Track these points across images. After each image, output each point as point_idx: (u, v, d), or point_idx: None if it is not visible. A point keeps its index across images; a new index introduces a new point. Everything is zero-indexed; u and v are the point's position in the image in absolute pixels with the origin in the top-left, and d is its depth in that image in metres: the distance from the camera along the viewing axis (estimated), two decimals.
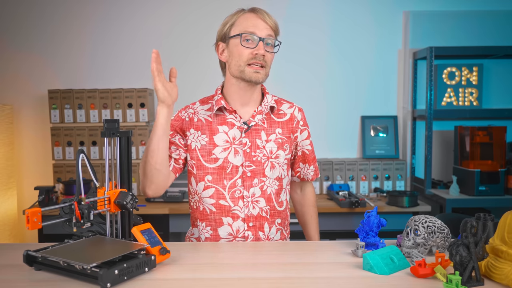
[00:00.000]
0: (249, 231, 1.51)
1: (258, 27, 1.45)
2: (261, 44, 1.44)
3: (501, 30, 3.05)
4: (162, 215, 2.62)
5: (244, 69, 1.45)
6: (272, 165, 1.52)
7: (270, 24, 1.46)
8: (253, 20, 1.46)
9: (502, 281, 1.05)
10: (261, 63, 1.45)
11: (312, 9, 3.09)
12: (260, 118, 1.53)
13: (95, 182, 1.23)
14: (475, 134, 2.71)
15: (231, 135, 1.51)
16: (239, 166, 1.50)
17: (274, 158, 1.52)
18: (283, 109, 1.60)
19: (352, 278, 1.12)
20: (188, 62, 3.10)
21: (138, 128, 2.91)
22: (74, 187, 2.70)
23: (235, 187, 1.50)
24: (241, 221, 1.50)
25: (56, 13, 3.09)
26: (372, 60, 3.13)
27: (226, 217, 1.50)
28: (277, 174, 1.54)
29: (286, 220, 1.62)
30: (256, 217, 1.51)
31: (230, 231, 1.50)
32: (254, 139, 1.51)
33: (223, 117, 1.53)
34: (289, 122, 1.58)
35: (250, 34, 1.44)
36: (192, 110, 1.57)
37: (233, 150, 1.50)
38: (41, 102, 3.11)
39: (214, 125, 1.52)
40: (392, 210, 2.61)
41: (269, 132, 1.53)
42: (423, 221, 1.27)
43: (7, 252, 1.33)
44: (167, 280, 1.11)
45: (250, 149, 1.50)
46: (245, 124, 1.52)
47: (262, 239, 1.52)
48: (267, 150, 1.52)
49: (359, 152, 3.18)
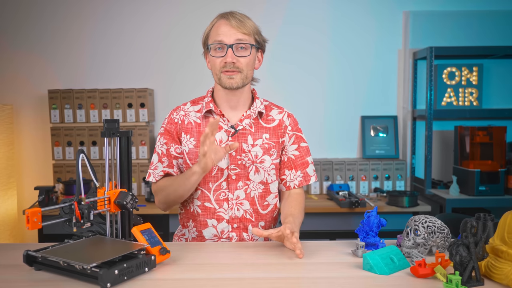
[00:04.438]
0: (233, 232, 1.52)
1: (226, 34, 1.45)
2: (230, 51, 1.45)
3: (501, 30, 3.05)
4: (162, 215, 2.62)
5: (220, 76, 1.48)
6: (256, 169, 1.53)
7: (239, 28, 1.45)
8: (222, 27, 1.46)
9: (502, 281, 1.05)
10: (232, 70, 1.46)
11: (312, 9, 3.09)
12: (247, 123, 1.54)
13: (95, 182, 1.23)
14: (475, 134, 2.71)
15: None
16: (224, 169, 1.51)
17: (259, 162, 1.53)
18: (272, 114, 1.60)
19: (352, 278, 1.12)
20: (188, 62, 3.10)
21: (138, 128, 2.91)
22: (74, 187, 2.70)
23: (220, 189, 1.52)
24: (225, 222, 1.52)
25: (56, 13, 3.09)
26: (372, 60, 3.13)
27: (211, 219, 1.52)
28: (262, 178, 1.54)
29: (272, 223, 1.61)
30: (241, 219, 1.53)
31: (215, 232, 1.52)
32: (241, 143, 1.52)
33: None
34: (277, 128, 1.58)
35: (218, 43, 1.46)
36: (183, 112, 1.58)
37: None
38: (41, 102, 3.11)
39: (203, 128, 1.54)
40: (392, 210, 2.61)
41: (255, 137, 1.54)
42: (423, 221, 1.27)
43: (7, 252, 1.33)
44: (167, 280, 1.11)
45: (236, 153, 1.51)
46: (232, 128, 1.53)
47: (246, 239, 1.53)
48: (252, 154, 1.52)
49: (359, 152, 3.18)
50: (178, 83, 3.13)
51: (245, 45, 1.47)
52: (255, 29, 1.50)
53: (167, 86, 3.13)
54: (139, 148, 2.92)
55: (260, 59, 1.57)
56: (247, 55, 1.48)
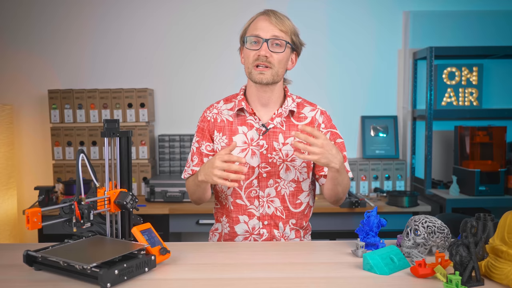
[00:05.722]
0: (264, 229, 1.54)
1: (264, 29, 1.47)
2: (265, 45, 1.46)
3: (501, 30, 3.05)
4: (162, 215, 2.62)
5: (251, 70, 1.49)
6: (287, 168, 1.54)
7: (277, 25, 1.47)
8: (261, 22, 1.48)
9: (502, 281, 1.05)
10: (264, 63, 1.47)
11: (312, 9, 3.09)
12: (279, 121, 1.55)
13: (95, 182, 1.23)
14: (475, 134, 2.71)
15: (249, 136, 1.54)
16: (256, 167, 1.53)
17: (289, 161, 1.54)
18: (304, 112, 1.60)
19: (352, 278, 1.12)
20: (188, 62, 3.11)
21: (138, 128, 2.91)
22: (74, 187, 2.70)
23: (251, 187, 1.54)
24: (256, 219, 1.54)
25: (56, 13, 3.09)
26: (372, 60, 3.13)
27: (243, 215, 1.55)
28: (293, 177, 1.55)
29: (303, 221, 1.60)
30: (271, 216, 1.54)
31: (246, 228, 1.55)
32: (271, 141, 1.53)
33: (244, 118, 1.56)
34: (309, 126, 1.57)
35: (255, 36, 1.47)
36: (216, 110, 1.60)
37: (251, 151, 1.53)
38: (41, 102, 3.11)
39: (235, 126, 1.56)
40: (392, 210, 2.61)
41: (287, 135, 1.55)
42: (423, 221, 1.27)
43: (7, 252, 1.33)
44: (167, 280, 1.11)
45: (266, 151, 1.53)
46: (263, 126, 1.54)
47: (277, 236, 1.55)
48: (283, 153, 1.54)
49: (359, 152, 3.18)
50: (178, 83, 3.13)
51: (281, 42, 1.48)
52: (293, 30, 1.52)
53: (167, 86, 3.13)
54: (139, 148, 2.92)
55: (293, 61, 1.58)
56: (281, 51, 1.48)
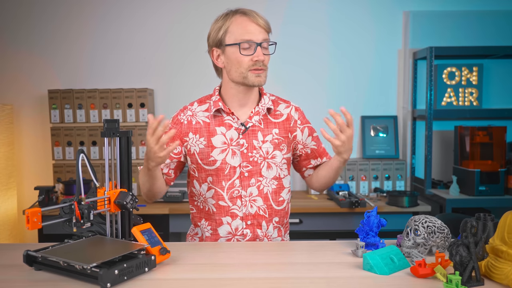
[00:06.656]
0: (247, 229, 1.53)
1: (254, 32, 1.46)
2: (259, 49, 1.46)
3: (501, 30, 3.05)
4: (162, 215, 2.62)
5: (247, 75, 1.48)
6: (268, 165, 1.54)
7: (263, 26, 1.47)
8: (247, 25, 1.46)
9: (502, 281, 1.05)
10: (262, 67, 1.48)
11: (312, 9, 3.09)
12: (257, 119, 1.55)
13: (95, 182, 1.23)
14: (475, 134, 2.71)
15: (228, 137, 1.53)
16: (237, 167, 1.52)
17: (270, 158, 1.54)
18: (279, 109, 1.61)
19: (352, 278, 1.12)
20: (188, 62, 3.11)
21: (138, 128, 2.91)
22: (74, 187, 2.70)
23: (233, 187, 1.53)
24: (239, 219, 1.53)
25: (56, 13, 3.09)
26: (372, 60, 3.13)
27: (225, 217, 1.53)
28: (274, 174, 1.55)
29: (285, 218, 1.63)
30: (254, 216, 1.54)
31: (229, 230, 1.53)
32: (251, 140, 1.53)
33: (221, 118, 1.55)
34: (286, 122, 1.60)
35: (247, 41, 1.45)
36: (190, 112, 1.58)
37: (231, 151, 1.52)
38: (41, 102, 3.11)
39: (212, 127, 1.54)
40: (392, 210, 2.61)
41: (265, 133, 1.55)
42: (423, 221, 1.27)
43: (7, 252, 1.33)
44: (167, 280, 1.11)
45: (247, 150, 1.52)
46: (242, 126, 1.53)
47: (260, 236, 1.54)
48: (263, 150, 1.54)
49: (359, 152, 3.18)
50: (178, 83, 3.13)
51: (268, 43, 1.50)
52: (270, 27, 1.53)
53: (167, 86, 3.13)
54: (139, 148, 2.92)
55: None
56: (272, 52, 1.52)
